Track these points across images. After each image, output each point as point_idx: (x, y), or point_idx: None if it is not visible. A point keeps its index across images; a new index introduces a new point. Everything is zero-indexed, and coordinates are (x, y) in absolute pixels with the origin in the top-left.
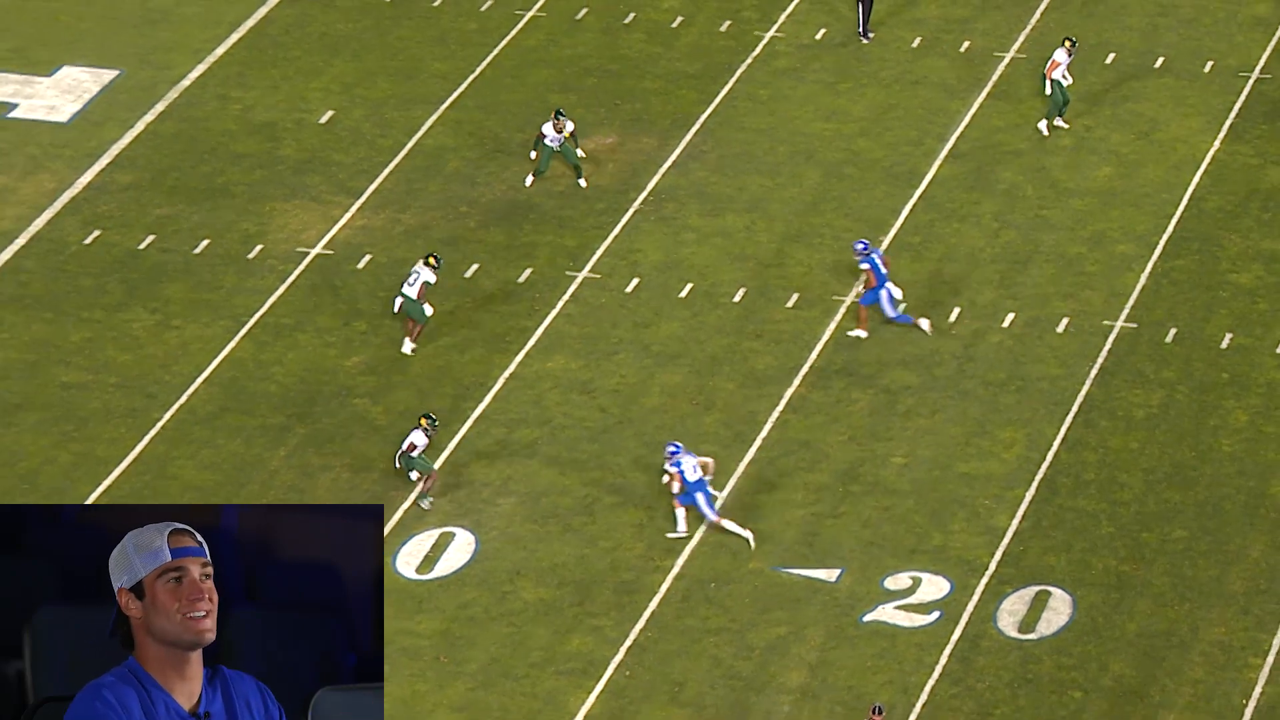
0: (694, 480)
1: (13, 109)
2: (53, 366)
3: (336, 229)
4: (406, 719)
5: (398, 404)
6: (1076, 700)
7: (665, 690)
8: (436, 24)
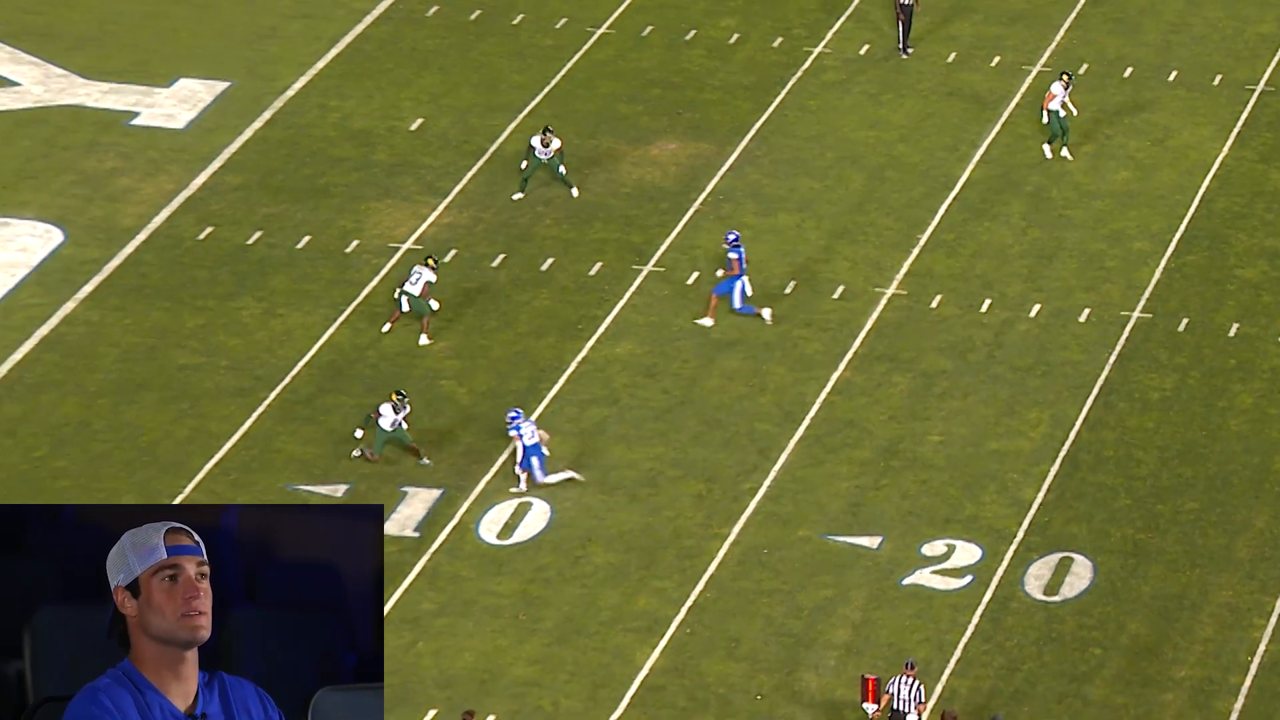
0: (531, 445)
1: (135, 117)
2: (170, 350)
3: (425, 226)
4: (488, 671)
5: (479, 385)
6: (1096, 657)
7: (723, 646)
8: (515, 40)
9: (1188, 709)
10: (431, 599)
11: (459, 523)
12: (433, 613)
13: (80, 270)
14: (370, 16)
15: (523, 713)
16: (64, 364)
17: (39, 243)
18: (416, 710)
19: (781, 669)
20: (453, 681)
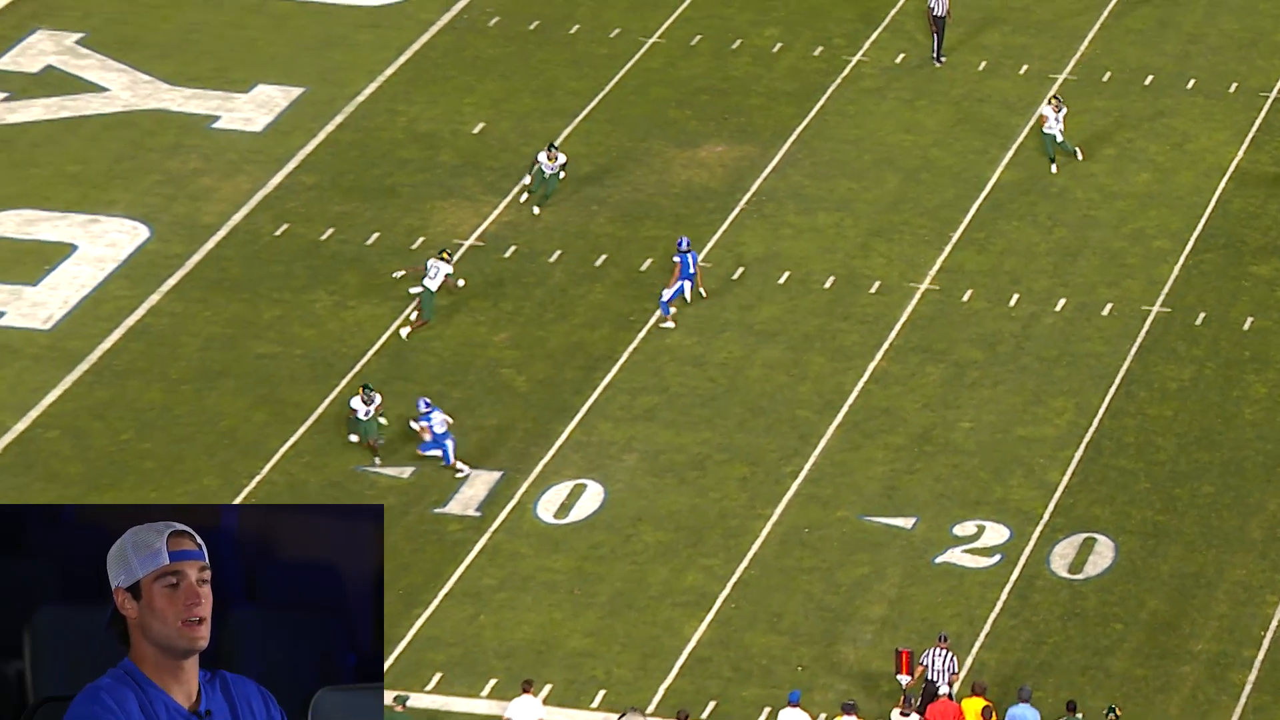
0: (441, 433)
1: (216, 120)
2: (249, 340)
3: (487, 224)
4: (545, 642)
5: (537, 374)
6: (1118, 631)
7: (765, 620)
8: (572, 49)
9: (1204, 681)
10: (492, 575)
11: (518, 503)
12: (493, 587)
13: (165, 264)
14: (435, 26)
15: (578, 682)
16: (149, 352)
17: (126, 238)
18: (478, 679)
19: (821, 642)
20: (512, 652)
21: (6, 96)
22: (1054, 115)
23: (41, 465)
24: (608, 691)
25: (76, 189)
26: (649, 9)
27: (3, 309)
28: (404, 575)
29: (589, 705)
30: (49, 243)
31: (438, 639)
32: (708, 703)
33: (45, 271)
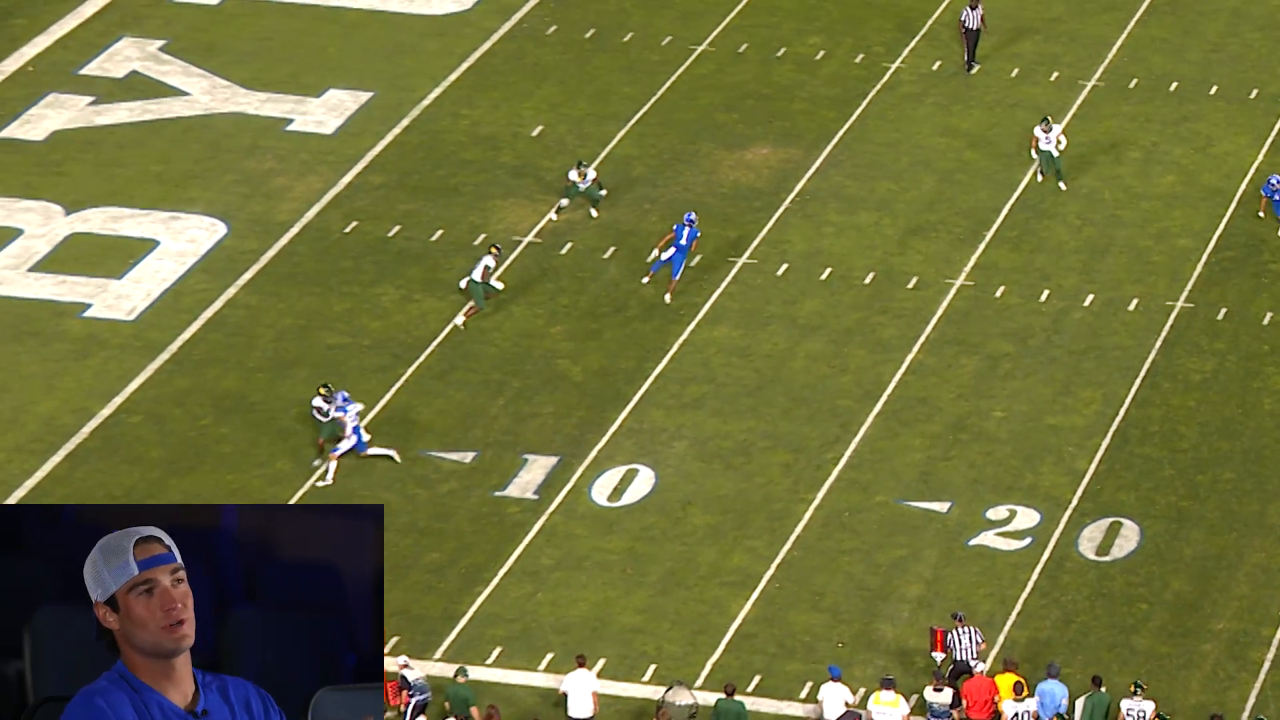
0: (355, 427)
1: (290, 123)
2: (319, 331)
3: (544, 222)
4: (599, 619)
5: (592, 364)
6: (1143, 611)
7: (808, 599)
8: (626, 55)
9: (1224, 658)
10: (549, 554)
11: (573, 487)
12: (550, 567)
13: (241, 259)
14: (497, 34)
15: (630, 657)
16: (226, 342)
17: (205, 235)
18: (536, 653)
19: (860, 620)
20: (568, 628)
21: (94, 100)
22: (1044, 136)
23: (125, 449)
24: (658, 666)
25: (159, 188)
26: (699, 18)
27: (90, 301)
28: (466, 555)
29: (640, 679)
30: (133, 238)
31: (497, 615)
32: (753, 677)
33: (129, 266)
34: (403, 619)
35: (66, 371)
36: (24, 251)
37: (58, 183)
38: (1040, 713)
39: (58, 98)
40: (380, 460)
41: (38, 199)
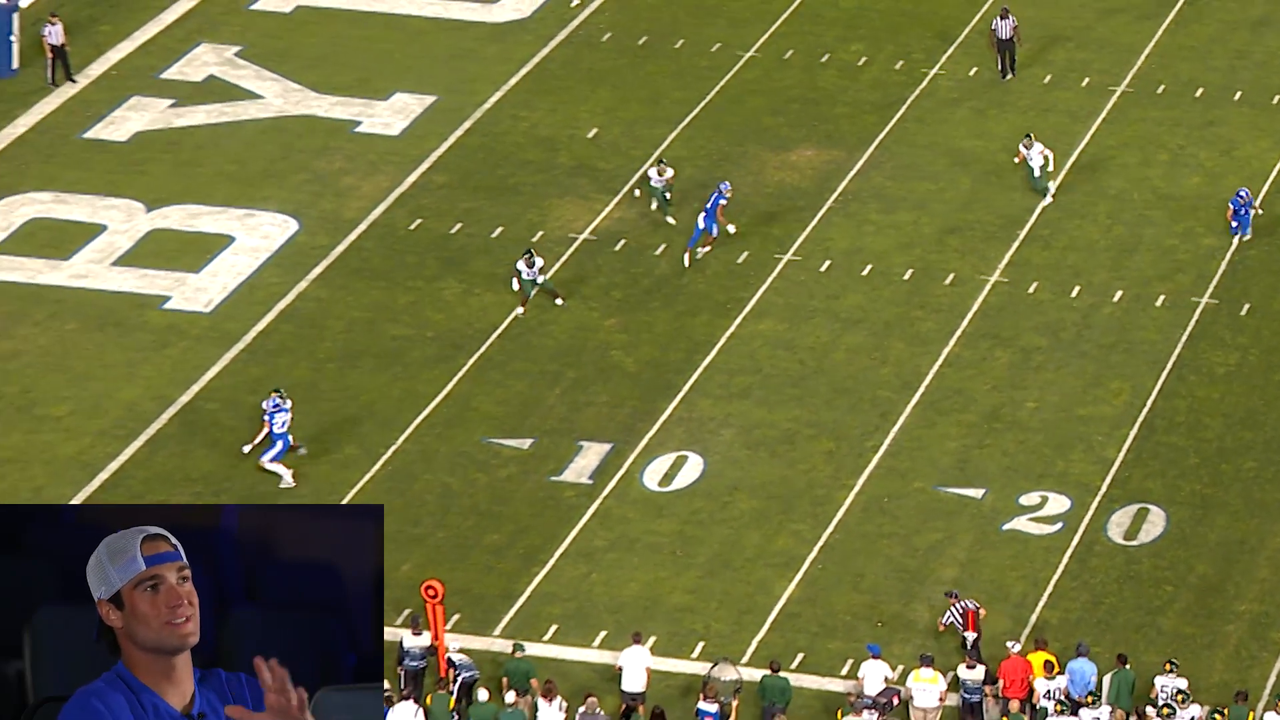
0: (280, 433)
1: (358, 125)
2: (385, 323)
3: (599, 220)
4: (651, 598)
5: (644, 356)
6: (1169, 593)
7: (849, 580)
8: (676, 61)
9: (1246, 638)
10: (603, 536)
11: (626, 472)
12: (604, 548)
13: (312, 254)
14: (554, 41)
15: (679, 634)
16: (298, 333)
17: (278, 231)
18: (590, 631)
19: (898, 600)
20: (621, 607)
21: (174, 103)
22: (1027, 153)
23: (202, 434)
24: (706, 643)
25: (234, 186)
26: (746, 26)
27: (169, 294)
28: (523, 537)
29: (689, 655)
30: (210, 234)
31: (554, 594)
32: (796, 654)
33: (206, 260)
34: (464, 598)
35: (147, 360)
36: (108, 246)
37: (139, 181)
38: (1070, 689)
39: (140, 100)
40: (444, 445)
41: (121, 197)
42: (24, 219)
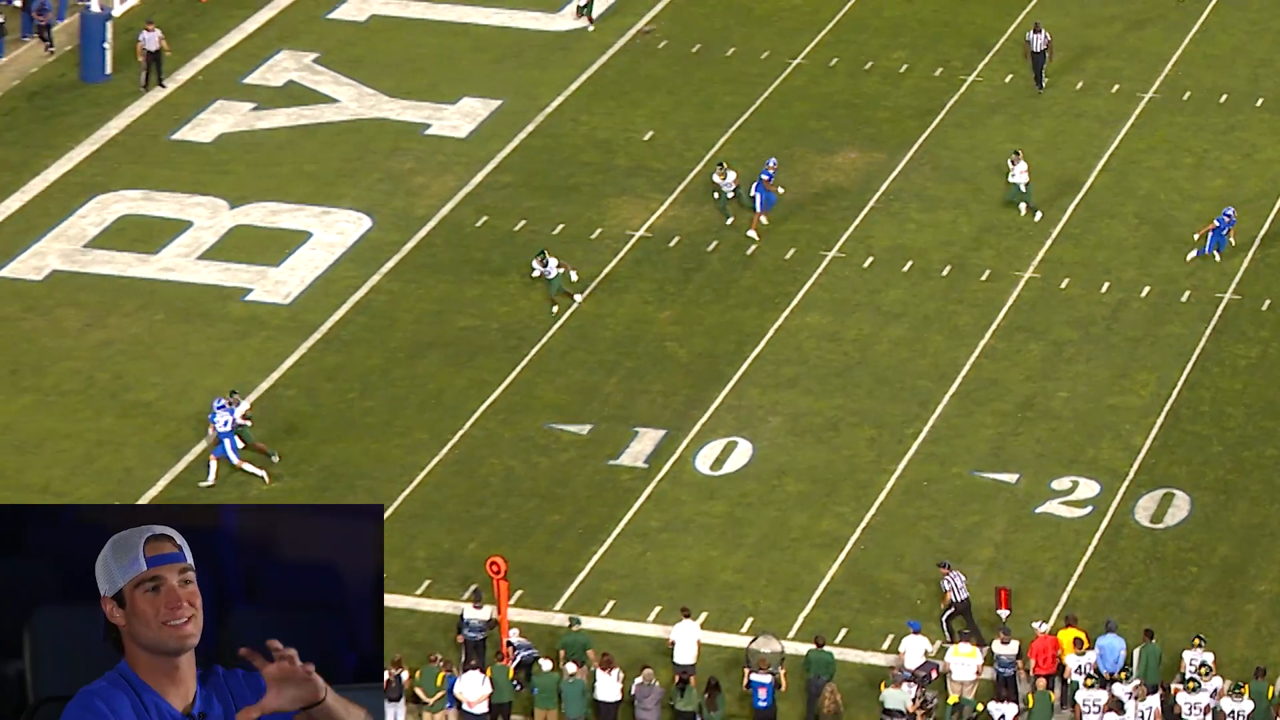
0: (224, 432)
1: (428, 128)
2: (453, 315)
3: (654, 218)
4: (702, 577)
5: (697, 347)
6: (1193, 574)
7: (890, 560)
8: (728, 68)
9: (1267, 616)
10: (657, 518)
11: (679, 457)
12: (658, 529)
13: (384, 250)
14: (613, 49)
15: (729, 610)
16: (371, 324)
17: (353, 227)
18: (645, 606)
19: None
20: (674, 584)
21: (256, 106)
22: (1014, 168)
23: (282, 419)
24: (755, 619)
25: (312, 185)
26: (794, 35)
27: (251, 287)
28: (582, 517)
29: (739, 630)
30: (289, 230)
31: (611, 572)
32: (840, 630)
33: (286, 255)
34: (526, 575)
35: (230, 350)
36: (193, 241)
37: (223, 180)
38: (1100, 664)
39: (224, 104)
40: (508, 430)
41: (206, 195)
42: (116, 215)
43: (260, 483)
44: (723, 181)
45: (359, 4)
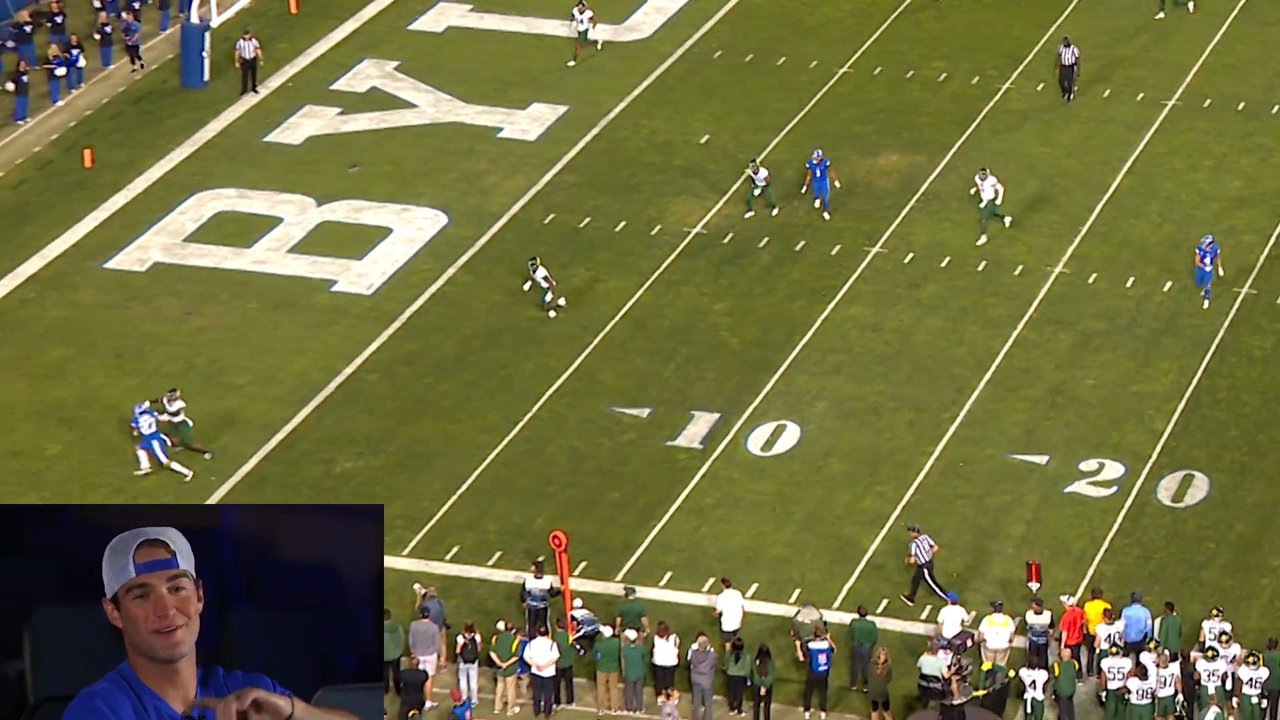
0: (150, 434)
1: (500, 131)
2: (522, 305)
3: (709, 216)
4: (753, 550)
5: (748, 336)
6: (1210, 549)
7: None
8: (779, 76)
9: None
10: (711, 495)
11: (732, 438)
12: (712, 505)
13: (459, 244)
14: (672, 58)
15: (778, 582)
16: (447, 314)
17: (430, 224)
18: (700, 578)
19: (971, 554)
20: (726, 557)
21: (341, 111)
22: (981, 184)
23: (364, 402)
24: (802, 590)
25: (392, 185)
26: (841, 45)
27: (336, 278)
28: (642, 495)
29: (787, 600)
30: (371, 226)
31: (668, 545)
32: (881, 601)
33: (368, 249)
34: (589, 548)
35: (316, 337)
36: (284, 236)
37: (311, 179)
38: (1125, 634)
39: (312, 109)
40: (573, 413)
41: (294, 193)
42: (212, 212)
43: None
44: (755, 176)
45: (437, 15)
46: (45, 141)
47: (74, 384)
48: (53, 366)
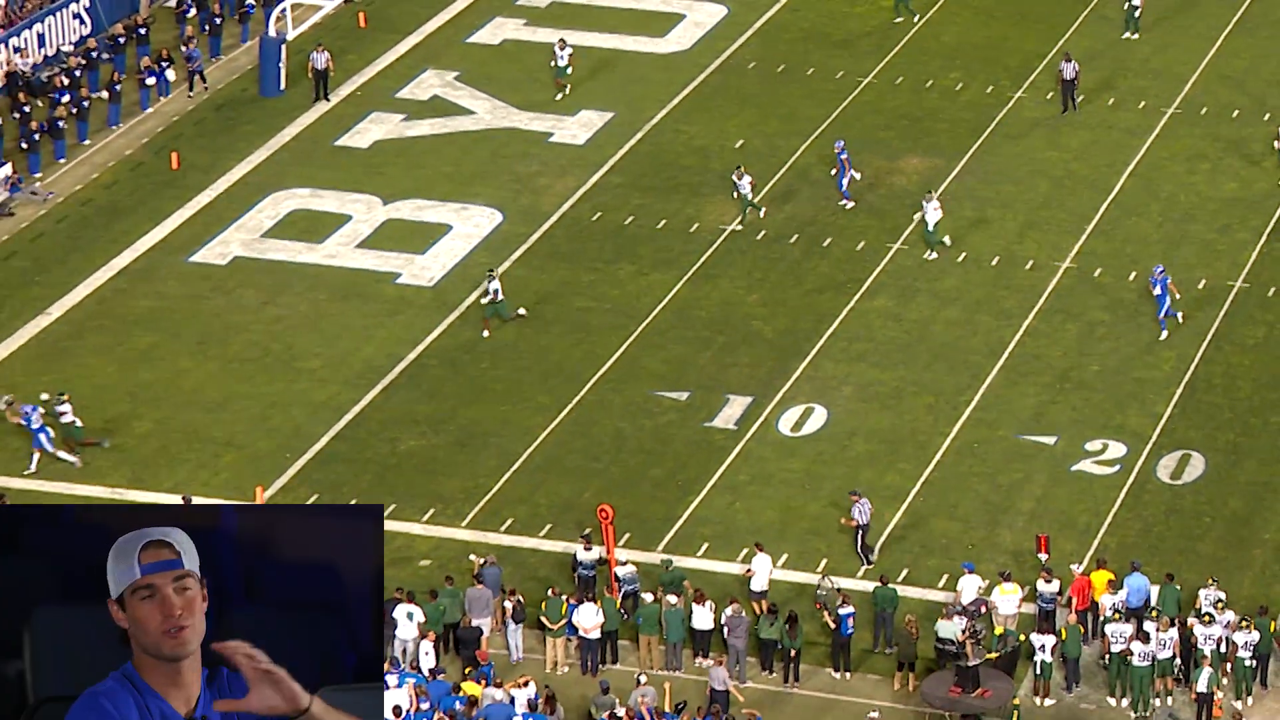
0: (38, 428)
1: (551, 136)
2: (571, 296)
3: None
4: (784, 523)
5: (779, 325)
6: (1206, 524)
7: (944, 510)
8: (808, 86)
9: (1271, 561)
10: (745, 472)
11: (764, 420)
12: (746, 482)
13: (513, 240)
14: (709, 69)
15: (806, 552)
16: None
17: (486, 221)
18: (734, 548)
19: (985, 527)
20: (759, 530)
21: (405, 117)
22: (926, 206)
23: (426, 386)
24: (829, 560)
25: (452, 185)
26: (865, 57)
27: (400, 271)
28: (681, 471)
29: (814, 569)
30: (432, 223)
31: (705, 518)
32: (902, 570)
33: (430, 244)
34: (632, 520)
35: (382, 325)
36: (352, 232)
37: (378, 180)
38: (1127, 599)
39: (378, 115)
40: (618, 396)
41: (362, 193)
42: (287, 210)
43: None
44: (739, 182)
45: (494, 29)
46: (136, 145)
47: (161, 368)
48: (142, 352)
